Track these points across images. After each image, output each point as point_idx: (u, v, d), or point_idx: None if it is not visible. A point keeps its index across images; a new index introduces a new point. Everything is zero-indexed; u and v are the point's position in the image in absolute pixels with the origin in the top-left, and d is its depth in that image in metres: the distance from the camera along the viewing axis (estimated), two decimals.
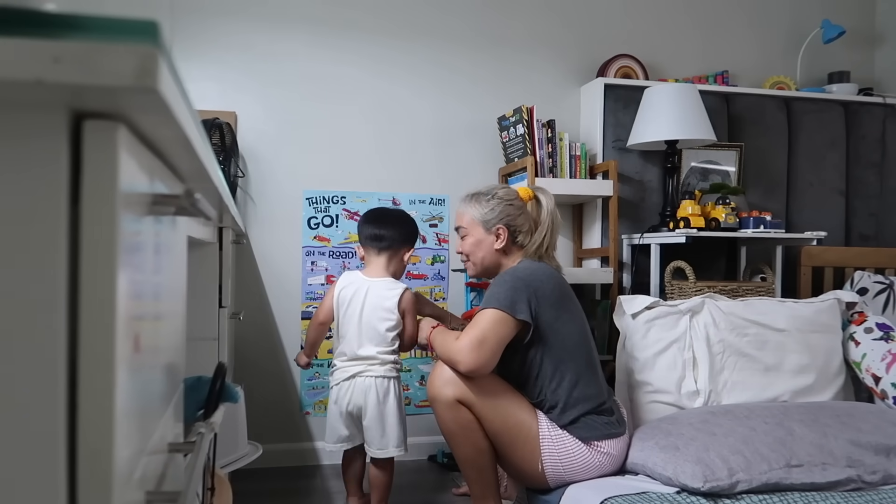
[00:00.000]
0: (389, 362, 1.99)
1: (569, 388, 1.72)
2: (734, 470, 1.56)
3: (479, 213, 1.90)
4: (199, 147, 0.58)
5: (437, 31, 2.86)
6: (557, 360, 1.73)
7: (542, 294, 1.73)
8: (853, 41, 3.33)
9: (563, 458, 1.69)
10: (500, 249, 1.88)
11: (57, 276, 0.41)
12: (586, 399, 1.72)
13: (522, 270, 1.79)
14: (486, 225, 1.88)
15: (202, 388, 0.97)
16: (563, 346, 1.74)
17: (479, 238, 1.90)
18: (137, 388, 0.51)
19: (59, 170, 0.41)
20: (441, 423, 1.73)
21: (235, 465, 1.83)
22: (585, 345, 1.79)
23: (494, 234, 1.88)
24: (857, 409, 1.89)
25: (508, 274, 1.78)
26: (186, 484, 0.65)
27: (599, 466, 1.71)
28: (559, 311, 1.75)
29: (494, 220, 1.87)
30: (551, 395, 1.73)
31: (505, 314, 1.68)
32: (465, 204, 1.94)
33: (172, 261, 0.72)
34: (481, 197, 1.91)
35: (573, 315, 1.79)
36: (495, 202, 1.89)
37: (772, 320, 2.14)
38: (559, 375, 1.72)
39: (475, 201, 1.91)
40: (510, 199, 1.89)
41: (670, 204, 2.69)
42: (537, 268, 1.80)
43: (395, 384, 1.99)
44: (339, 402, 1.98)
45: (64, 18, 0.38)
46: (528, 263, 1.83)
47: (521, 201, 1.91)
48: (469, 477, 1.77)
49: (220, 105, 2.62)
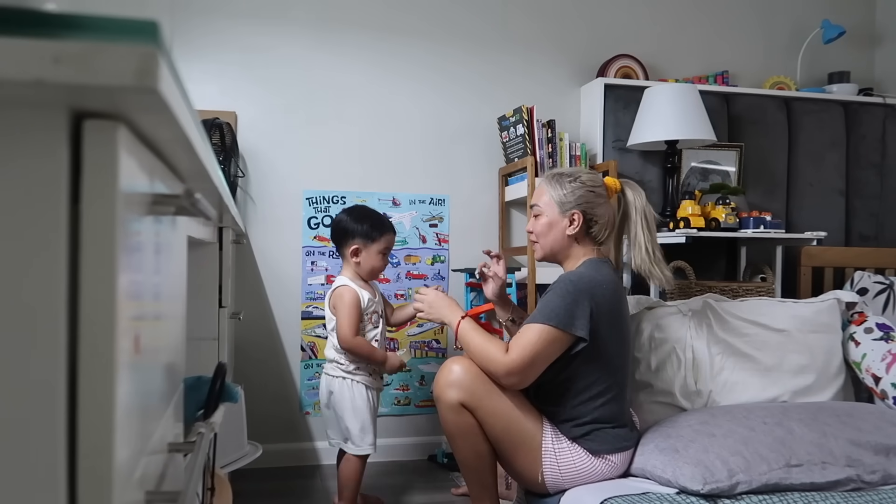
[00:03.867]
0: (333, 361, 2.08)
1: (595, 407, 1.65)
2: (734, 471, 1.55)
3: (557, 194, 1.79)
4: (199, 147, 0.58)
5: (437, 31, 2.86)
6: (595, 378, 1.65)
7: (603, 309, 1.63)
8: (853, 41, 3.34)
9: (565, 468, 1.64)
10: (572, 236, 1.77)
11: (57, 275, 0.41)
12: (609, 419, 1.66)
13: (587, 281, 1.65)
14: (563, 207, 1.77)
15: (202, 388, 0.96)
16: (608, 363, 1.66)
17: (553, 220, 1.79)
18: (138, 388, 0.51)
19: (58, 169, 0.41)
20: (443, 423, 1.72)
21: (235, 465, 1.83)
22: (626, 364, 1.72)
23: (569, 218, 1.76)
24: (857, 409, 1.89)
25: (571, 283, 1.65)
26: (186, 484, 0.65)
27: (601, 474, 1.66)
28: (611, 328, 1.65)
29: (571, 204, 1.76)
30: (572, 409, 1.66)
31: (560, 332, 1.58)
32: (545, 183, 1.82)
33: (173, 261, 0.72)
34: (563, 178, 1.80)
35: (622, 332, 1.70)
36: (576, 185, 1.77)
37: (771, 320, 2.13)
38: (589, 392, 1.65)
39: (556, 181, 1.81)
40: (594, 185, 1.78)
41: (670, 204, 2.69)
42: (602, 278, 1.67)
43: (339, 383, 2.05)
44: None
45: (64, 18, 0.38)
46: (593, 268, 1.71)
47: (603, 190, 1.80)
48: (467, 478, 1.76)
49: (220, 105, 2.63)
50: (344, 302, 2.03)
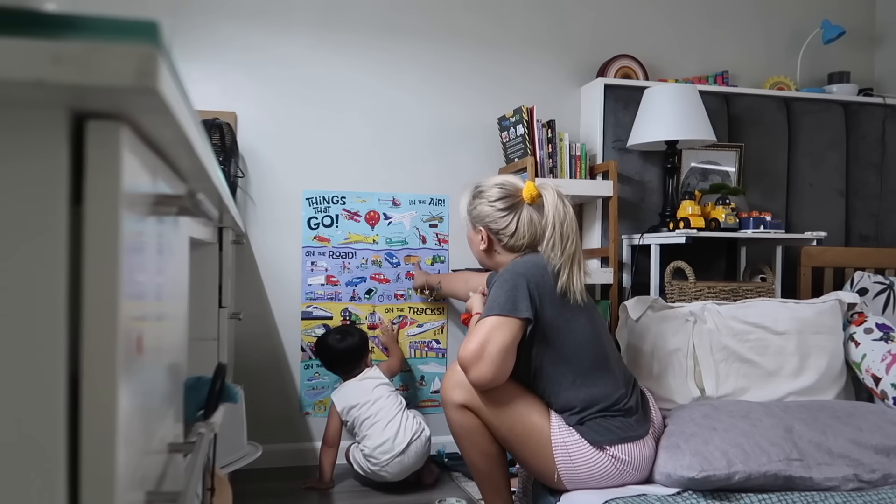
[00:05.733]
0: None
1: (572, 390, 1.61)
2: (732, 461, 1.55)
3: (464, 208, 1.79)
4: (200, 147, 0.58)
5: (437, 31, 2.86)
6: (558, 360, 1.62)
7: (545, 289, 1.61)
8: (853, 41, 3.34)
9: (579, 465, 1.58)
10: (485, 251, 1.77)
11: (57, 275, 0.41)
12: (595, 400, 1.61)
13: (523, 265, 1.65)
14: (472, 223, 1.78)
15: (202, 389, 0.96)
16: (566, 344, 1.62)
17: (469, 234, 1.81)
18: (140, 388, 0.51)
19: (58, 170, 0.41)
20: (449, 425, 1.70)
21: (235, 465, 1.83)
22: (593, 342, 1.66)
23: (479, 233, 1.76)
24: (858, 409, 1.89)
25: (508, 271, 1.65)
26: (186, 484, 0.65)
27: (620, 475, 1.59)
28: (562, 308, 1.63)
29: (476, 220, 1.76)
30: (555, 396, 1.63)
31: (504, 318, 1.57)
32: (462, 195, 1.83)
33: (174, 261, 0.72)
34: (474, 192, 1.78)
35: (577, 311, 1.65)
36: (479, 201, 1.76)
37: (773, 322, 2.13)
38: (559, 375, 1.62)
39: (467, 194, 1.80)
40: (498, 197, 1.73)
41: (670, 204, 2.69)
42: (538, 260, 1.66)
43: None
44: None
45: (64, 18, 0.38)
46: (529, 257, 1.69)
47: (512, 200, 1.73)
48: (479, 484, 1.74)
49: (220, 105, 2.62)
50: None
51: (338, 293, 2.74)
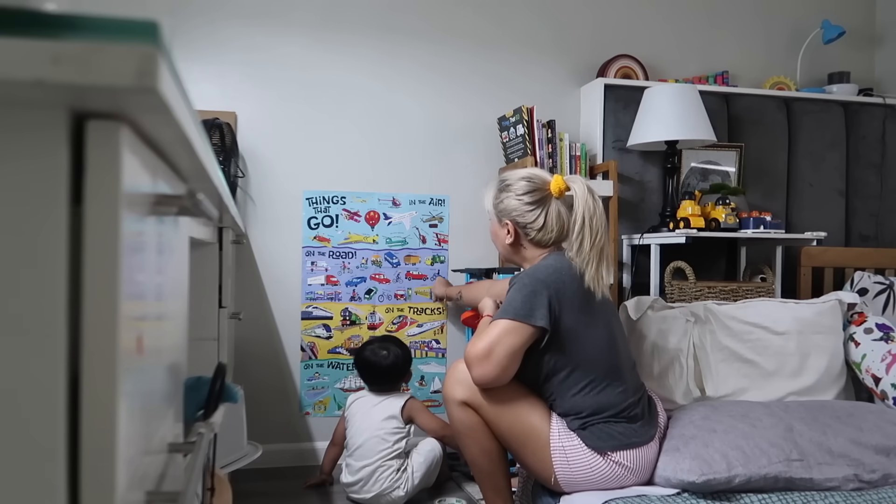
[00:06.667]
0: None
1: (580, 396, 1.60)
2: (732, 464, 1.55)
3: (491, 202, 1.77)
4: (200, 147, 0.58)
5: (437, 31, 2.86)
6: (571, 367, 1.61)
7: (565, 297, 1.59)
8: (853, 41, 3.33)
9: (576, 469, 1.59)
10: (511, 245, 1.75)
11: (57, 276, 0.41)
12: (602, 408, 1.60)
13: (544, 270, 1.62)
14: (498, 217, 1.75)
15: (202, 388, 0.96)
16: (583, 351, 1.61)
17: (494, 228, 1.78)
18: (140, 389, 0.51)
19: (58, 170, 0.41)
20: (450, 421, 1.71)
21: (235, 465, 1.83)
22: (609, 349, 1.65)
23: (505, 228, 1.74)
24: (858, 409, 1.89)
25: (528, 276, 1.62)
26: (186, 484, 0.65)
27: (619, 479, 1.59)
28: (581, 315, 1.61)
29: (502, 214, 1.73)
30: (561, 400, 1.62)
31: (518, 323, 1.56)
32: (488, 188, 1.80)
33: (175, 261, 0.72)
34: (500, 185, 1.75)
35: (597, 318, 1.64)
36: (506, 194, 1.73)
37: (773, 322, 2.13)
38: (570, 382, 1.61)
39: (493, 187, 1.78)
40: (526, 191, 1.71)
41: (670, 204, 2.69)
42: (561, 266, 1.63)
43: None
44: None
45: (64, 18, 0.38)
46: (552, 260, 1.66)
47: (541, 194, 1.71)
48: (480, 483, 1.74)
49: (220, 105, 2.62)
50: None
51: (338, 293, 2.74)
